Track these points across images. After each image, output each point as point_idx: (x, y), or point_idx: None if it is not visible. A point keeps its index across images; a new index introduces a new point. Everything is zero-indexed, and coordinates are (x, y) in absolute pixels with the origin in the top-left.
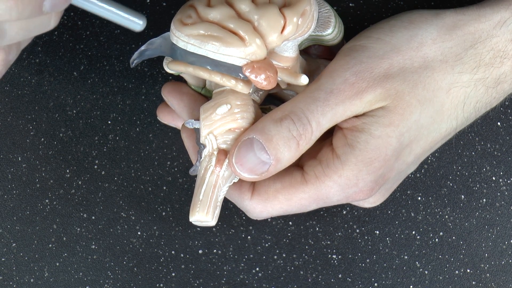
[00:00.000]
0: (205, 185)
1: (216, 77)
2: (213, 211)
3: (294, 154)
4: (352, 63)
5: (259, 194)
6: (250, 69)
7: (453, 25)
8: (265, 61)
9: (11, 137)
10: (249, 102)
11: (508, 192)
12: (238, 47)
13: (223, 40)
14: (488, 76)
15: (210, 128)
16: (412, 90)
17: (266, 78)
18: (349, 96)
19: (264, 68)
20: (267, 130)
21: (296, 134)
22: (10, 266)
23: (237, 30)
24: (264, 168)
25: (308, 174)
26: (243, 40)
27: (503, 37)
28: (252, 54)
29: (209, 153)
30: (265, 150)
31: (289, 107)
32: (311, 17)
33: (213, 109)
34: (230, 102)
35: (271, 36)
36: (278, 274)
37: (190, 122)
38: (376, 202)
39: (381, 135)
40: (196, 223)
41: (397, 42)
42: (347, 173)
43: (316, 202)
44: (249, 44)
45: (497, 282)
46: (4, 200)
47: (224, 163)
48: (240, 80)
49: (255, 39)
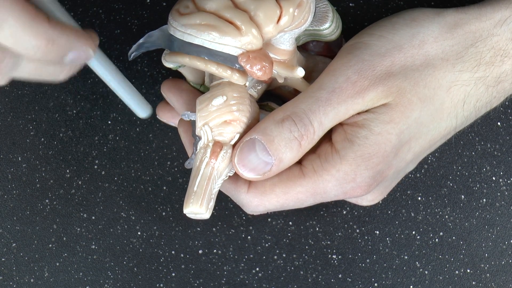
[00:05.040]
0: (199, 177)
1: (212, 67)
2: (207, 203)
3: (297, 154)
4: (354, 61)
5: (255, 188)
6: (245, 59)
7: (454, 23)
8: (261, 51)
9: (11, 137)
10: (245, 95)
11: (508, 192)
12: (234, 37)
13: (219, 29)
14: (489, 74)
15: (205, 119)
16: (414, 88)
17: (261, 69)
18: (351, 95)
19: (260, 58)
20: (268, 131)
21: (298, 135)
22: (10, 266)
23: (234, 19)
24: (267, 168)
25: (306, 168)
26: (239, 29)
27: (503, 36)
28: (248, 43)
29: (204, 144)
30: (267, 151)
31: (291, 107)
32: (307, 8)
33: (209, 100)
34: (226, 94)
35: (267, 26)
36: (278, 274)
37: (186, 114)
38: (374, 200)
39: (381, 132)
40: (190, 215)
41: (399, 40)
42: (345, 168)
43: (313, 197)
44: (245, 34)
45: (497, 282)
46: (4, 200)
47: (219, 155)
48: (236, 71)
49: (251, 28)
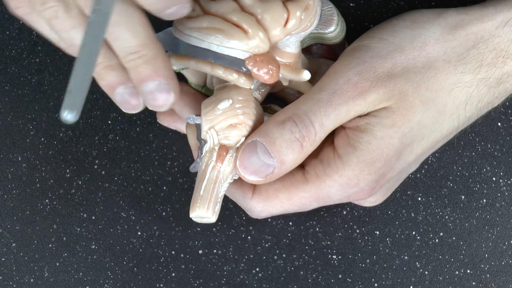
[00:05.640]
0: (205, 181)
1: (219, 71)
2: (213, 207)
3: (298, 156)
4: (354, 63)
5: (259, 193)
6: (252, 62)
7: (456, 24)
8: (267, 55)
9: (11, 137)
10: (251, 98)
11: (508, 192)
12: (241, 40)
13: (226, 32)
14: (491, 76)
15: (211, 123)
16: (416, 91)
17: (268, 72)
18: (352, 96)
19: (267, 61)
20: (270, 133)
21: (299, 136)
22: (10, 266)
23: (241, 23)
24: (269, 170)
25: (309, 173)
26: (246, 33)
27: (505, 37)
28: (255, 47)
29: (210, 148)
30: (268, 153)
31: (292, 109)
32: (314, 12)
33: (215, 104)
34: (232, 97)
35: (274, 30)
36: (278, 274)
37: (192, 117)
38: (376, 201)
39: (383, 136)
40: (197, 220)
41: (400, 42)
42: (348, 173)
43: (316, 201)
44: (252, 37)
45: (497, 283)
46: (4, 200)
47: (225, 159)
48: (242, 74)
49: (258, 32)
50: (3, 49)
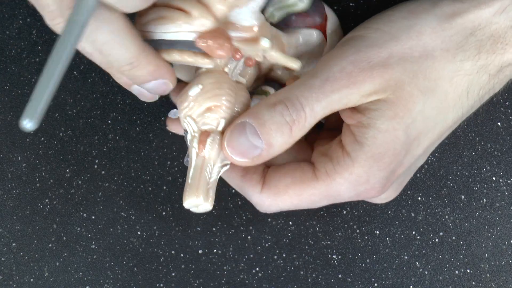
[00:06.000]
0: (192, 169)
1: (176, 56)
2: (204, 193)
3: (287, 140)
4: (350, 52)
5: (269, 188)
6: (202, 41)
7: (452, 13)
8: (217, 30)
9: (11, 137)
10: (224, 80)
11: (508, 192)
12: (185, 21)
13: (170, 18)
14: (490, 63)
15: (186, 111)
16: (413, 81)
17: (219, 47)
18: (345, 85)
19: (215, 36)
20: (260, 115)
21: (289, 120)
22: (10, 266)
23: (182, 5)
24: (256, 152)
25: (319, 171)
26: (189, 13)
27: (502, 24)
28: (200, 25)
29: (192, 136)
30: (257, 134)
31: (284, 93)
32: None
33: (186, 91)
34: (201, 82)
35: (216, 4)
36: (278, 274)
37: (172, 112)
38: (388, 198)
39: (387, 129)
40: (192, 209)
41: (396, 32)
42: (358, 170)
43: (326, 199)
44: (194, 17)
45: (497, 283)
46: (4, 200)
47: (207, 143)
48: (199, 54)
49: (199, 10)
50: (3, 49)
